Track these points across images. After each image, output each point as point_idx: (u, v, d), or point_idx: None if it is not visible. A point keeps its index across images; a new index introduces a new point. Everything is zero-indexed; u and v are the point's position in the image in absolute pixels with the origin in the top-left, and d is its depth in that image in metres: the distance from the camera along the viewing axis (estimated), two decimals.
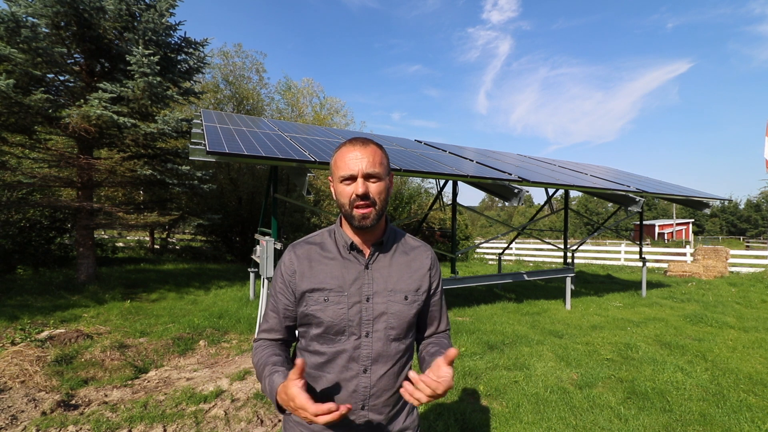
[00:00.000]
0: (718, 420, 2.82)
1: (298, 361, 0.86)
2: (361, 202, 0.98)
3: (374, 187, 1.00)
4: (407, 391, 0.89)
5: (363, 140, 1.03)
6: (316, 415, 0.81)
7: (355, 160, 0.99)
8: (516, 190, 5.26)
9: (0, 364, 3.38)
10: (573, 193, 40.42)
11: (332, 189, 1.06)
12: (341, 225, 1.10)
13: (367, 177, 0.99)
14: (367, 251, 1.07)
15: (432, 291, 1.16)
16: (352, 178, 0.99)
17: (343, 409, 0.82)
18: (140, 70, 6.62)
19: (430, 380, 0.87)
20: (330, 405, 0.81)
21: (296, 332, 1.14)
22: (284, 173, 12.83)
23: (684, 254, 13.61)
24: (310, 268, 1.05)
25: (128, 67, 6.84)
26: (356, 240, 1.07)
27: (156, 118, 7.24)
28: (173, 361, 4.04)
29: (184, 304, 6.44)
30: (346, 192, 1.00)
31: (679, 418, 2.85)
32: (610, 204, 43.55)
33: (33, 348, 3.82)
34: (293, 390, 0.84)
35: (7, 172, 6.83)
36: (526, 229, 12.29)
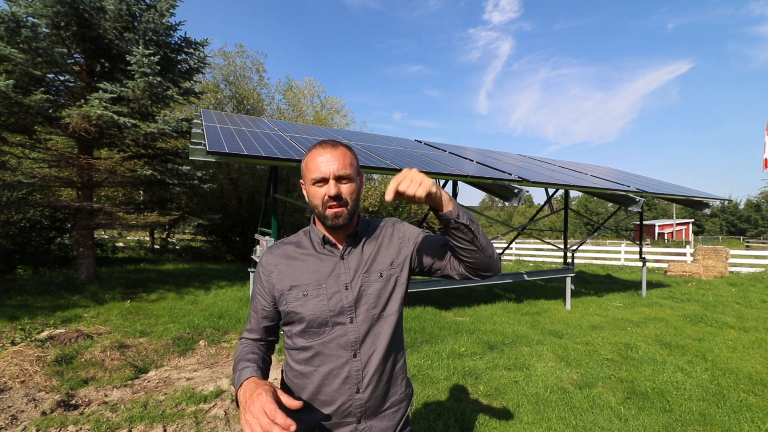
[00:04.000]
0: (718, 420, 2.82)
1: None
2: (334, 203, 1.01)
3: (346, 188, 1.03)
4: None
5: (333, 143, 1.06)
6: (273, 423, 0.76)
7: (326, 163, 1.01)
8: (516, 190, 5.26)
9: (0, 364, 3.37)
10: (573, 193, 40.44)
11: (304, 191, 1.09)
12: (315, 223, 1.14)
13: (339, 179, 1.02)
14: (341, 245, 1.10)
15: (414, 247, 1.13)
16: (324, 180, 1.02)
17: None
18: (140, 70, 6.61)
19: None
20: (289, 422, 0.75)
21: (279, 332, 1.16)
22: (284, 173, 12.85)
23: (684, 254, 13.61)
24: (287, 266, 1.08)
25: (128, 67, 6.83)
26: (330, 236, 1.10)
27: (156, 118, 7.24)
28: (173, 361, 4.04)
29: (184, 304, 6.44)
30: (319, 193, 1.03)
31: (679, 418, 2.84)
32: (610, 204, 43.51)
33: (33, 348, 3.82)
34: (268, 396, 0.80)
35: (7, 172, 6.83)
36: (526, 229, 12.28)
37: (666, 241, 34.20)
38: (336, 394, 1.03)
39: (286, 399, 0.84)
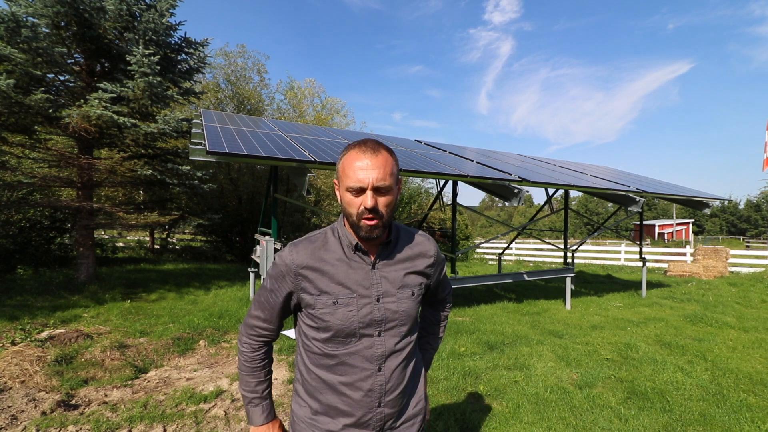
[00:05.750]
0: (718, 420, 2.82)
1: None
2: (370, 215, 0.95)
3: (383, 200, 0.96)
4: None
5: (373, 146, 0.97)
6: None
7: (364, 171, 0.93)
8: (516, 190, 5.26)
9: (0, 364, 3.37)
10: (573, 193, 40.43)
11: (337, 193, 1.03)
12: (345, 224, 1.06)
13: (376, 189, 0.95)
14: (373, 252, 1.05)
15: (436, 279, 1.22)
16: (361, 191, 0.95)
17: None
18: (140, 70, 6.61)
19: None
20: None
21: (298, 331, 1.14)
22: (284, 173, 12.83)
23: (684, 254, 13.61)
24: (315, 270, 1.02)
25: (128, 67, 6.83)
26: (361, 242, 1.04)
27: (156, 118, 7.24)
28: (173, 361, 4.04)
29: (184, 304, 6.44)
30: (354, 202, 0.96)
31: (679, 418, 2.84)
32: (610, 204, 43.51)
33: (33, 348, 3.82)
34: None
35: (7, 172, 6.83)
36: (526, 229, 12.29)
37: (666, 241, 34.20)
38: (357, 405, 1.01)
39: None
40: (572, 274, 6.79)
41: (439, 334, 1.37)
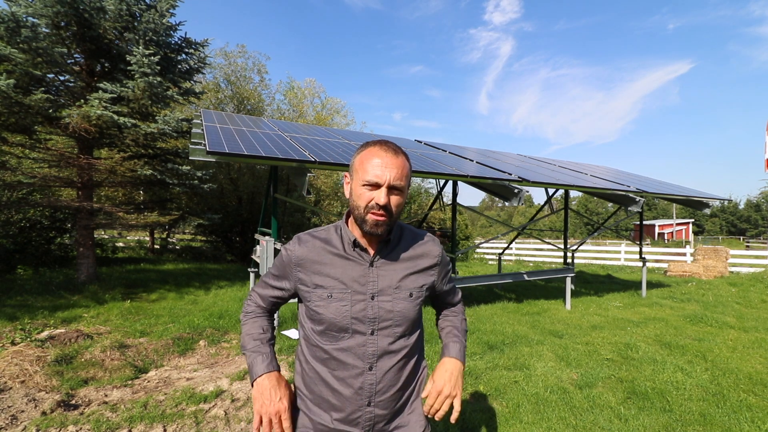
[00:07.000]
0: (718, 420, 2.82)
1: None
2: (379, 212, 0.98)
3: (395, 200, 1.00)
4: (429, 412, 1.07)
5: (394, 147, 1.01)
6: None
7: (383, 168, 0.97)
8: (516, 190, 5.26)
9: (0, 364, 3.37)
10: (573, 193, 40.43)
11: (347, 186, 1.05)
12: (347, 222, 1.09)
13: (391, 188, 0.98)
14: (372, 249, 1.07)
15: (441, 283, 1.20)
16: (376, 186, 0.97)
17: None
18: (140, 70, 6.62)
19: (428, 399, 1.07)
20: None
21: (300, 320, 1.16)
22: (284, 173, 12.86)
23: (684, 254, 13.60)
24: (314, 264, 1.05)
25: (128, 67, 6.84)
26: (361, 239, 1.06)
27: (156, 118, 7.24)
28: (173, 361, 4.04)
29: (184, 304, 6.44)
30: (366, 196, 0.98)
31: (679, 418, 2.84)
32: (610, 204, 43.51)
33: (33, 348, 3.82)
34: (287, 413, 1.02)
35: (7, 172, 6.83)
36: (526, 229, 12.29)
37: (666, 241, 34.20)
38: (346, 402, 1.03)
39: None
40: (572, 274, 6.78)
41: (458, 324, 1.25)
